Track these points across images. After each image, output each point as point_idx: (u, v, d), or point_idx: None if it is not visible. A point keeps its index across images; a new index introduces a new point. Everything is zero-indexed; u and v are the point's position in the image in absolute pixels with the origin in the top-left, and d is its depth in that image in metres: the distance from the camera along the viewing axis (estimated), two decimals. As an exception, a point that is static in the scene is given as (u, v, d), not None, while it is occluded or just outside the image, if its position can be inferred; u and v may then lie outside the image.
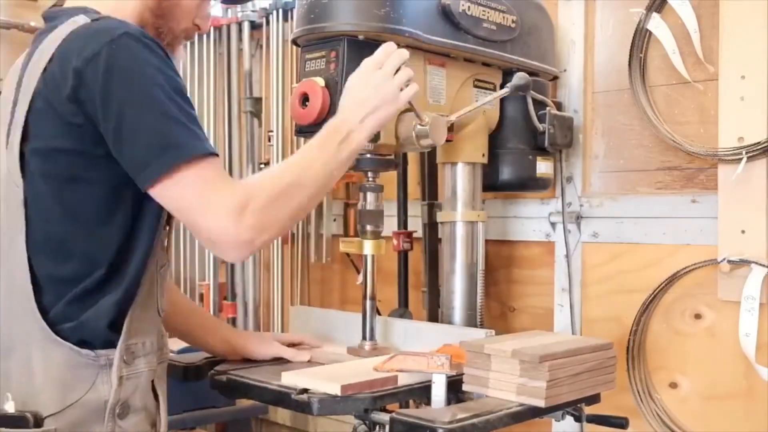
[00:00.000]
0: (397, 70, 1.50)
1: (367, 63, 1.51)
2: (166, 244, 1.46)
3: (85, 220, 1.32)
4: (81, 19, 1.34)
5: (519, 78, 1.80)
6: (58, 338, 1.29)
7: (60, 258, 1.32)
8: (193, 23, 1.53)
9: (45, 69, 1.30)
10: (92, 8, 1.39)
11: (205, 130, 2.96)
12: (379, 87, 1.47)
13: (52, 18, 1.40)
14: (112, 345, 1.32)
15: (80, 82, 1.25)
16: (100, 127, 1.26)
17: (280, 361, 1.68)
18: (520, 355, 1.43)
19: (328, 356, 1.71)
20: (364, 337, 1.76)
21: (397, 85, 1.49)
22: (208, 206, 1.26)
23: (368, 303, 1.76)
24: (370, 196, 1.74)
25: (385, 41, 1.64)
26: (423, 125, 1.62)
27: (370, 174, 1.74)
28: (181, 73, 1.54)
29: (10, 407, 1.28)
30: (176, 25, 1.49)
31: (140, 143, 1.25)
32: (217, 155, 1.31)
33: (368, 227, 1.74)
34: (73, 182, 1.31)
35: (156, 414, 1.40)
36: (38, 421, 1.28)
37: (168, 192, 1.27)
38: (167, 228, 1.45)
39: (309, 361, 1.67)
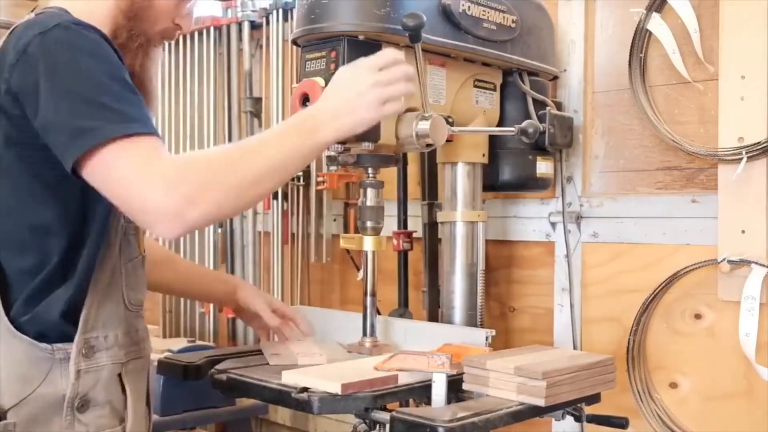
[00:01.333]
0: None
1: (363, 63, 1.45)
2: (136, 238, 1.46)
3: (36, 213, 1.33)
4: (27, 16, 1.37)
5: (528, 125, 1.89)
6: (17, 332, 1.31)
7: (19, 252, 1.34)
8: (173, 23, 1.51)
9: None
10: (63, 7, 1.39)
11: (206, 130, 2.99)
12: (366, 91, 1.40)
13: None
14: (69, 338, 1.34)
15: (12, 74, 1.28)
16: (32, 119, 1.27)
17: (280, 361, 1.68)
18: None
19: (326, 348, 1.71)
20: (364, 334, 1.76)
21: (386, 96, 1.41)
22: (138, 178, 1.22)
23: (368, 299, 1.76)
24: (370, 192, 1.74)
25: (385, 41, 1.65)
26: (426, 117, 1.62)
27: (370, 170, 1.74)
28: (158, 74, 1.53)
29: None
30: (150, 27, 1.47)
31: (64, 129, 1.25)
32: (154, 134, 1.27)
33: (368, 223, 1.74)
34: (18, 175, 1.33)
35: (124, 410, 1.40)
36: (1, 414, 1.29)
37: (94, 172, 1.24)
38: (131, 222, 1.43)
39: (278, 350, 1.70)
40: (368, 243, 1.75)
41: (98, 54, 1.29)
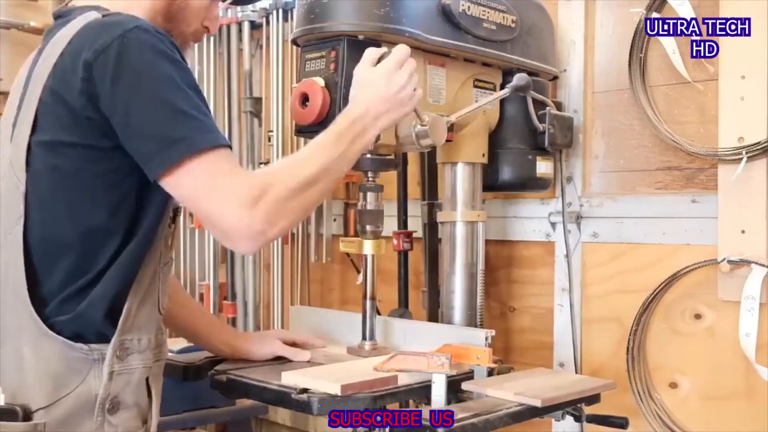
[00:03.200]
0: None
1: (390, 61, 1.51)
2: (171, 241, 1.46)
3: (88, 214, 1.32)
4: (92, 15, 1.35)
5: (519, 78, 1.80)
6: (51, 332, 1.29)
7: (60, 252, 1.32)
8: (202, 25, 1.53)
9: (55, 64, 1.31)
10: (103, 7, 1.39)
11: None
12: (401, 88, 1.49)
13: (64, 15, 1.41)
14: (106, 339, 1.32)
15: (90, 74, 1.26)
16: (111, 119, 1.26)
17: (280, 360, 1.68)
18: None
19: (328, 356, 1.71)
20: (364, 337, 1.76)
21: (412, 90, 1.51)
22: (221, 196, 1.26)
23: (368, 303, 1.76)
24: (370, 196, 1.74)
25: (385, 41, 1.65)
26: (423, 125, 1.62)
27: (369, 174, 1.74)
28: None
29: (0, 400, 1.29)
30: (186, 28, 1.50)
31: (150, 136, 1.26)
32: (230, 146, 1.31)
33: (368, 227, 1.74)
34: (77, 176, 1.31)
35: (148, 411, 1.40)
36: (27, 415, 1.28)
37: (180, 182, 1.27)
38: (173, 225, 1.45)
39: (309, 361, 1.67)
40: (368, 247, 1.75)
41: (176, 60, 1.30)
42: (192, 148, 1.25)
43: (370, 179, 1.74)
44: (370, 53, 1.55)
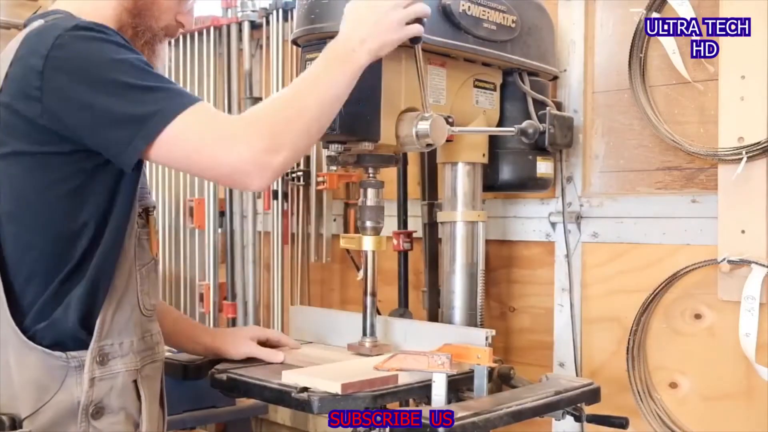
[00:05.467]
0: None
1: None
2: (148, 242, 1.46)
3: (55, 220, 1.33)
4: (36, 23, 1.36)
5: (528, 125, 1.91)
6: (30, 342, 1.30)
7: (34, 260, 1.33)
8: (175, 20, 1.52)
9: (6, 75, 1.32)
10: (67, 11, 1.39)
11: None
12: (386, 13, 1.45)
13: (28, 24, 1.41)
14: (84, 346, 1.33)
15: (42, 81, 1.27)
16: (69, 121, 1.27)
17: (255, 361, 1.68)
18: None
19: (304, 358, 1.70)
20: (364, 334, 1.76)
21: (405, 16, 1.47)
22: (216, 143, 1.27)
23: (368, 299, 1.76)
24: (370, 192, 1.74)
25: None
26: (426, 117, 1.62)
27: (370, 170, 1.74)
28: (165, 74, 1.54)
29: None
30: (155, 23, 1.49)
31: (118, 122, 1.26)
32: (202, 100, 1.32)
33: (368, 223, 1.74)
34: (40, 184, 1.32)
35: (138, 415, 1.40)
36: (15, 423, 1.29)
37: (170, 150, 1.28)
38: (147, 226, 1.44)
39: (282, 363, 1.66)
40: (368, 243, 1.74)
41: (122, 45, 1.31)
42: (168, 116, 1.26)
43: (371, 175, 1.74)
44: None
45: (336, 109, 1.42)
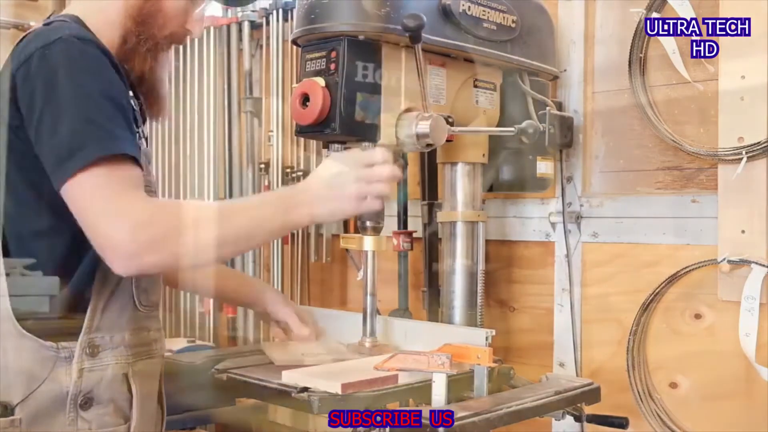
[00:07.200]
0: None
1: (361, 156, 1.50)
2: None
3: (37, 218, 1.36)
4: (39, 27, 1.39)
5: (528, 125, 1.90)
6: (24, 331, 1.33)
7: (30, 252, 1.36)
8: (183, 28, 1.52)
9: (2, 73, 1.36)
10: (74, 15, 1.41)
11: (205, 130, 2.98)
12: (348, 184, 1.45)
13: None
14: (75, 337, 1.36)
15: (14, 84, 1.31)
16: (28, 129, 1.30)
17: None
18: None
19: (303, 353, 1.71)
20: (364, 334, 1.76)
21: (366, 193, 1.46)
22: (109, 213, 1.26)
23: (368, 299, 1.75)
24: (370, 192, 1.74)
25: (385, 41, 1.65)
26: (426, 117, 1.62)
27: (371, 169, 1.74)
28: (167, 79, 1.55)
29: None
30: (159, 31, 1.48)
31: (54, 145, 1.28)
32: (135, 159, 1.30)
33: (368, 223, 1.73)
34: (20, 185, 1.35)
35: (129, 409, 1.42)
36: (8, 410, 1.32)
37: (76, 195, 1.27)
38: None
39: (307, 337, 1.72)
40: (368, 243, 1.74)
41: (96, 71, 1.31)
42: (88, 158, 1.25)
43: (372, 175, 1.74)
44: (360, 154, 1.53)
45: (246, 246, 1.47)
